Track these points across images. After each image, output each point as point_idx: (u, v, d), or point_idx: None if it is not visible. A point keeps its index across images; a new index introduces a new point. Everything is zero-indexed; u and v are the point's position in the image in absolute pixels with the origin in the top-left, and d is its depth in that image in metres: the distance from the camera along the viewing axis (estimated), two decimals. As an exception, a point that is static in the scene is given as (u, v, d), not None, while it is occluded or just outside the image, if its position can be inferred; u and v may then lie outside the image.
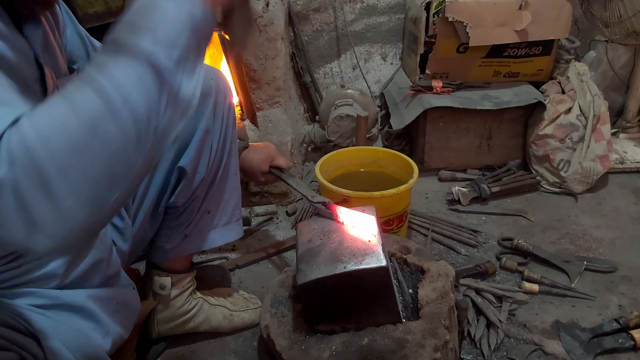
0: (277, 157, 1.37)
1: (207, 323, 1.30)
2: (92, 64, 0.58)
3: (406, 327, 1.03)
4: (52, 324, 0.81)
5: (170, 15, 0.59)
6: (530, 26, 1.96)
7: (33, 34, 0.81)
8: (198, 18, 0.62)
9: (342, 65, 2.49)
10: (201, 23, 0.62)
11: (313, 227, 1.12)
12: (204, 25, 0.63)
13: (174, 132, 0.73)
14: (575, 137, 1.95)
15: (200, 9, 0.61)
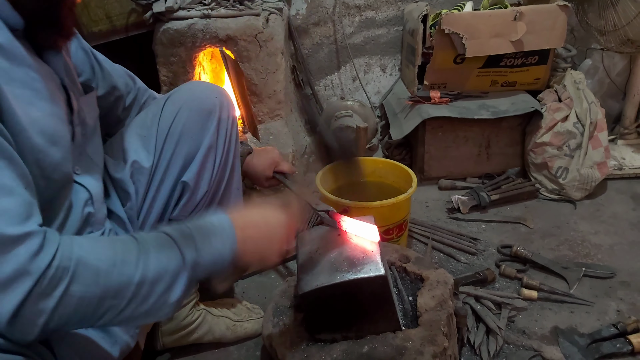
0: (281, 163, 1.39)
1: (211, 334, 1.32)
2: (146, 240, 0.76)
3: (405, 335, 1.05)
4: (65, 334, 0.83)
5: (215, 250, 0.80)
6: (525, 36, 1.99)
7: (54, 60, 0.86)
8: (227, 262, 0.82)
9: (342, 77, 2.53)
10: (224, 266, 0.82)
11: (313, 237, 1.15)
12: (223, 268, 0.82)
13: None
14: (572, 145, 1.97)
15: (234, 258, 0.82)
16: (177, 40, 1.81)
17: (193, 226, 0.80)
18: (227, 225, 0.83)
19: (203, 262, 0.78)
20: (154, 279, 0.73)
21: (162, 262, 0.74)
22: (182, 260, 0.76)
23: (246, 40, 1.83)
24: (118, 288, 0.70)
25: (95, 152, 1.00)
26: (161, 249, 0.75)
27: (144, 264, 0.72)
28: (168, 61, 1.86)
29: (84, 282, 0.67)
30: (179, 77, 1.88)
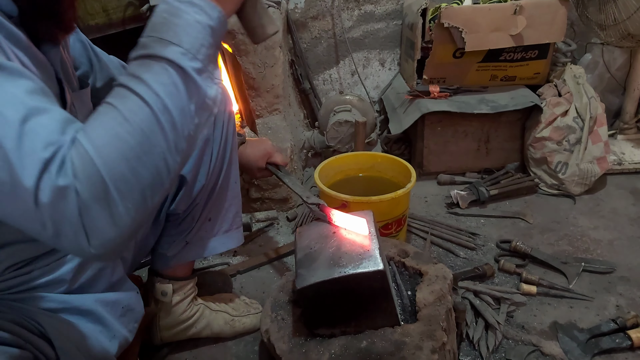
0: (274, 154, 1.39)
1: (209, 329, 1.31)
2: (128, 76, 0.64)
3: (404, 330, 1.04)
4: (62, 326, 0.83)
5: (193, 25, 0.66)
6: (525, 30, 1.98)
7: (51, 51, 0.84)
8: (215, 26, 0.69)
9: (341, 72, 2.52)
10: (218, 31, 0.69)
11: (312, 232, 1.14)
12: (220, 33, 0.70)
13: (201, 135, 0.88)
14: (572, 140, 1.96)
15: (217, 17, 0.69)
16: (175, 34, 1.79)
17: (150, 28, 0.67)
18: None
19: (190, 42, 0.66)
20: (168, 96, 0.63)
21: (157, 80, 0.63)
22: (170, 64, 0.64)
23: (244, 33, 1.81)
24: (148, 132, 0.61)
25: None
26: (146, 70, 0.63)
27: (148, 96, 0.62)
28: (165, 55, 1.85)
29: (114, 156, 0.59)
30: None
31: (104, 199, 0.58)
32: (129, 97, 0.62)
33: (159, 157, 0.62)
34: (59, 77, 0.86)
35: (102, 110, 0.62)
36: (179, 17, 0.66)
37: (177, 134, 0.64)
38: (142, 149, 0.61)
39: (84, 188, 0.57)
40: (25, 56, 0.73)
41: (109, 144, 0.59)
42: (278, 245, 1.77)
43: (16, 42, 0.72)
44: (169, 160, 0.64)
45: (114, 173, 0.59)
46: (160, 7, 0.68)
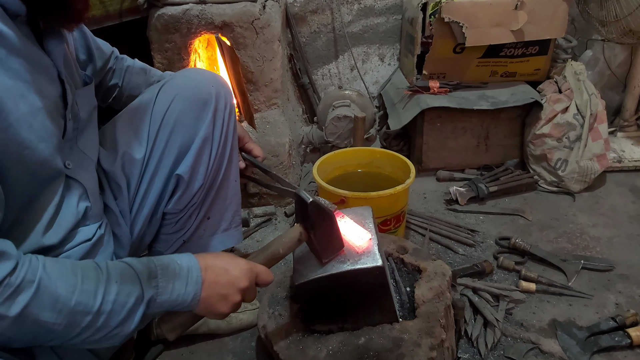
0: (248, 141, 1.28)
1: (206, 325, 1.30)
2: (111, 271, 0.76)
3: (403, 327, 1.04)
4: None
5: (175, 294, 0.80)
6: (526, 26, 1.96)
7: (55, 50, 0.84)
8: (185, 307, 0.82)
9: (340, 67, 2.50)
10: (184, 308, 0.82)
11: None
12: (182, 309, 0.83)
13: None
14: (572, 136, 1.95)
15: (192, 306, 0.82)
16: (172, 27, 1.77)
17: (160, 264, 0.80)
18: (194, 269, 0.82)
19: (160, 302, 0.78)
20: (111, 311, 0.73)
21: (121, 295, 0.74)
22: (141, 296, 0.76)
23: (242, 26, 1.79)
24: (74, 316, 0.70)
25: (89, 146, 0.97)
26: (123, 282, 0.75)
27: (103, 295, 0.72)
28: (163, 48, 1.83)
29: (42, 305, 0.67)
30: (174, 64, 1.85)
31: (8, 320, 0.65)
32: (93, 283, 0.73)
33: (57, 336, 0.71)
34: (61, 78, 0.85)
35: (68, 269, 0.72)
36: (179, 280, 0.80)
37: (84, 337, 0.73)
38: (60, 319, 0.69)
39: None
40: (25, 64, 0.74)
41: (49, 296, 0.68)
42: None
43: (16, 51, 0.72)
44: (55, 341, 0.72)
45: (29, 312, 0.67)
46: (183, 259, 0.83)
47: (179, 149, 1.07)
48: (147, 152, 1.05)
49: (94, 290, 0.72)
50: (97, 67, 1.14)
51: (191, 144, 1.07)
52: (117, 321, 0.74)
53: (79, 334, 0.71)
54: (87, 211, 0.91)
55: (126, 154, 1.04)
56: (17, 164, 0.73)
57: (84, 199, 0.91)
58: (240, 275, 0.85)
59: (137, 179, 1.06)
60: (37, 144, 0.75)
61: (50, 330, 0.69)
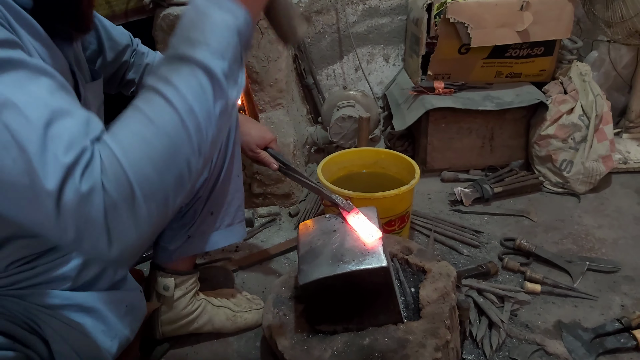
0: (274, 143, 1.33)
1: (211, 324, 1.30)
2: (156, 78, 0.63)
3: (407, 327, 1.03)
4: (62, 327, 0.82)
5: (220, 26, 0.64)
6: (531, 27, 1.96)
7: (65, 46, 0.83)
8: (242, 27, 0.67)
9: (345, 67, 2.50)
10: (245, 31, 0.67)
11: (315, 228, 1.13)
12: (248, 33, 0.68)
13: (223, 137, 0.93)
14: (577, 138, 1.95)
15: (244, 18, 0.67)
16: (178, 27, 1.78)
17: (179, 30, 0.65)
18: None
19: (217, 41, 0.64)
20: (195, 99, 0.62)
21: (184, 85, 0.61)
22: (198, 65, 0.62)
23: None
24: (174, 135, 0.60)
25: None
26: (174, 72, 0.62)
27: (174, 99, 0.60)
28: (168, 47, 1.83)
29: (141, 158, 0.59)
30: (180, 64, 1.85)
31: (130, 201, 0.58)
32: (156, 100, 0.61)
33: (183, 160, 0.62)
34: (72, 70, 0.86)
35: (129, 113, 0.62)
36: (207, 17, 0.65)
37: (201, 137, 0.63)
38: (168, 152, 0.60)
39: (111, 189, 0.57)
40: (44, 48, 0.73)
41: (136, 146, 0.59)
42: (280, 241, 1.76)
43: (35, 34, 0.71)
44: (192, 163, 0.63)
45: (140, 175, 0.58)
46: (188, 8, 0.67)
47: None
48: None
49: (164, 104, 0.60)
50: (108, 58, 1.13)
51: None
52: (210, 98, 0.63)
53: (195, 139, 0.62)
54: None
55: None
56: None
57: None
58: None
59: None
60: None
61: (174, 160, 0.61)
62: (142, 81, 1.23)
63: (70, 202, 0.55)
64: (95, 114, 0.91)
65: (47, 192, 0.55)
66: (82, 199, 0.55)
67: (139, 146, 0.59)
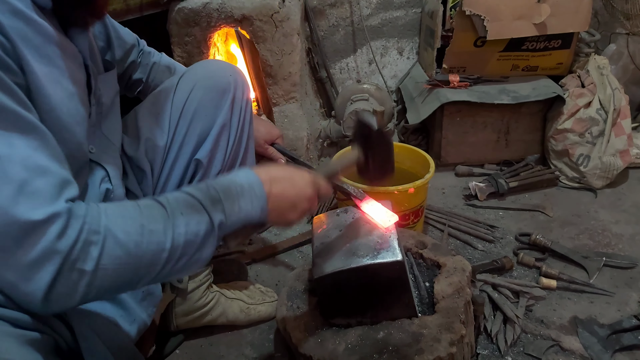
0: (280, 140, 1.36)
1: (224, 316, 1.31)
2: (175, 202, 0.74)
3: (422, 322, 1.03)
4: (84, 312, 0.83)
5: (243, 211, 0.78)
6: (549, 19, 1.93)
7: (80, 37, 0.86)
8: (256, 220, 0.80)
9: (358, 60, 2.49)
10: (256, 222, 0.81)
11: (329, 221, 1.13)
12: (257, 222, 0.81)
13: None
14: (595, 132, 1.92)
15: (261, 218, 0.80)
16: (192, 20, 1.78)
17: (220, 188, 0.78)
18: (256, 185, 0.81)
19: (231, 224, 0.77)
20: (185, 243, 0.72)
21: (191, 227, 0.72)
22: (210, 224, 0.74)
23: (262, 20, 1.79)
24: (151, 257, 0.69)
25: (112, 131, 0.99)
26: (189, 214, 0.73)
27: (173, 230, 0.71)
28: (182, 41, 1.84)
29: (114, 254, 0.66)
30: (194, 57, 1.86)
31: (82, 276, 0.64)
32: (159, 219, 0.70)
33: (141, 275, 0.70)
34: (86, 64, 0.87)
35: (130, 210, 0.70)
36: (238, 200, 0.78)
37: (165, 269, 0.71)
38: (136, 262, 0.68)
39: (77, 259, 0.63)
40: (58, 50, 0.76)
41: (120, 243, 0.66)
42: (293, 234, 1.76)
43: (47, 37, 0.74)
44: (142, 282, 0.71)
45: (105, 261, 0.65)
46: (233, 179, 0.80)
47: (199, 136, 1.10)
48: (168, 139, 1.08)
49: (162, 228, 0.70)
50: (116, 56, 1.14)
51: (210, 130, 1.10)
52: (194, 249, 0.73)
53: (162, 270, 0.71)
54: (109, 194, 0.94)
55: (149, 140, 1.07)
56: (61, 145, 0.74)
57: (105, 181, 0.93)
58: (305, 184, 0.86)
59: (160, 165, 1.09)
60: (74, 127, 0.78)
61: (133, 275, 0.69)
62: (149, 81, 1.25)
63: (31, 251, 0.61)
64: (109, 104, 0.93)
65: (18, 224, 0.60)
66: (45, 256, 0.61)
67: (121, 244, 0.66)
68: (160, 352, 1.27)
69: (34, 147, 0.64)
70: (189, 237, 0.72)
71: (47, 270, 0.61)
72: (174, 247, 0.70)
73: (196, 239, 0.73)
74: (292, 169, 0.88)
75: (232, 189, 0.78)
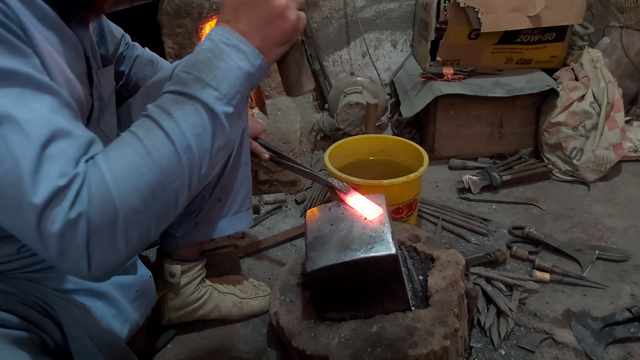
0: (265, 135, 1.32)
1: (217, 311, 1.30)
2: (159, 109, 0.65)
3: (416, 315, 1.03)
4: (75, 311, 0.82)
5: (234, 72, 0.67)
6: (543, 12, 1.92)
7: (80, 29, 0.83)
8: (256, 73, 0.69)
9: (352, 53, 2.47)
10: (257, 78, 0.70)
11: (322, 215, 1.12)
12: (257, 80, 0.71)
13: (217, 170, 0.93)
14: (588, 125, 1.92)
15: (259, 65, 0.69)
16: (183, 11, 1.76)
17: (189, 66, 0.67)
18: (222, 32, 0.69)
19: (231, 88, 0.67)
20: (196, 138, 0.64)
21: (186, 121, 0.64)
22: (204, 105, 0.65)
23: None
24: (168, 169, 0.62)
25: (109, 127, 0.98)
26: (178, 110, 0.64)
27: (174, 134, 0.63)
28: (173, 32, 1.81)
29: (131, 188, 0.60)
30: (185, 49, 1.83)
31: (113, 229, 0.59)
32: (155, 132, 0.63)
33: (172, 194, 0.63)
34: (86, 55, 0.85)
35: (127, 140, 0.63)
36: (223, 60, 0.67)
37: (194, 173, 0.65)
38: (158, 185, 0.62)
39: (96, 216, 0.57)
40: (56, 37, 0.73)
41: (128, 175, 0.60)
42: (286, 228, 1.75)
43: (49, 23, 0.71)
44: (180, 196, 0.65)
45: (127, 205, 0.59)
46: (205, 44, 0.69)
47: None
48: None
49: (163, 137, 0.62)
50: (110, 51, 1.13)
51: None
52: (209, 138, 0.66)
53: (192, 174, 0.65)
54: None
55: None
56: None
57: None
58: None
59: None
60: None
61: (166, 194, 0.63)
62: (131, 73, 1.23)
63: (56, 226, 0.56)
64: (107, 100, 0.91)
65: (32, 207, 0.56)
66: (67, 224, 0.56)
67: (131, 177, 0.60)
68: (152, 347, 1.26)
69: (54, 109, 0.60)
70: (195, 130, 0.64)
71: (80, 232, 0.57)
72: (186, 147, 0.63)
73: (204, 130, 0.65)
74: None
75: (199, 59, 0.68)
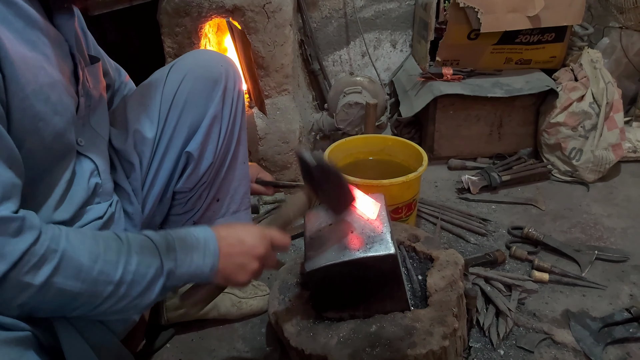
0: (262, 172, 1.39)
1: (216, 310, 1.30)
2: (131, 242, 0.75)
3: (415, 315, 1.02)
4: None
5: (195, 265, 0.79)
6: (543, 12, 1.92)
7: (65, 25, 0.84)
8: (208, 273, 0.81)
9: (351, 53, 2.47)
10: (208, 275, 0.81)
11: (321, 215, 1.12)
12: (196, 280, 0.83)
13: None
14: (587, 125, 1.92)
15: (212, 271, 0.81)
16: (183, 10, 1.75)
17: (177, 237, 0.80)
18: (211, 241, 0.82)
19: (179, 274, 0.78)
20: (132, 282, 0.73)
21: (142, 266, 0.74)
22: (160, 269, 0.76)
23: (253, 10, 1.77)
24: (97, 285, 0.70)
25: (100, 124, 0.98)
26: (143, 254, 0.75)
27: (125, 265, 0.72)
28: (173, 32, 1.81)
29: (66, 274, 0.67)
30: (184, 48, 1.83)
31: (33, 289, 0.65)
32: (115, 254, 0.72)
33: (81, 305, 0.71)
34: (72, 52, 0.85)
35: (90, 236, 0.72)
36: (192, 253, 0.79)
37: (107, 307, 0.73)
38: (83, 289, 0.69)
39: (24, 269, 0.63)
40: (42, 36, 0.74)
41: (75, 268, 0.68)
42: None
43: (33, 23, 0.73)
44: (80, 311, 0.72)
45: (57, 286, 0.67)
46: (190, 232, 0.82)
47: (190, 128, 1.07)
48: (158, 131, 1.06)
49: (115, 261, 0.72)
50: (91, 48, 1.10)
51: (201, 122, 1.07)
52: (138, 291, 0.74)
53: (101, 304, 0.72)
54: (97, 188, 0.92)
55: (137, 132, 1.05)
56: (32, 135, 0.73)
57: (94, 175, 0.92)
58: (254, 242, 0.85)
59: (149, 158, 1.06)
60: (51, 117, 0.76)
61: (73, 299, 0.69)
62: None
63: None
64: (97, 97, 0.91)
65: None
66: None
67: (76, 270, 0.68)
68: (150, 347, 1.25)
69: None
70: (137, 277, 0.73)
71: None
72: (121, 282, 0.72)
73: (142, 281, 0.74)
74: (242, 227, 0.88)
75: (188, 240, 0.80)
